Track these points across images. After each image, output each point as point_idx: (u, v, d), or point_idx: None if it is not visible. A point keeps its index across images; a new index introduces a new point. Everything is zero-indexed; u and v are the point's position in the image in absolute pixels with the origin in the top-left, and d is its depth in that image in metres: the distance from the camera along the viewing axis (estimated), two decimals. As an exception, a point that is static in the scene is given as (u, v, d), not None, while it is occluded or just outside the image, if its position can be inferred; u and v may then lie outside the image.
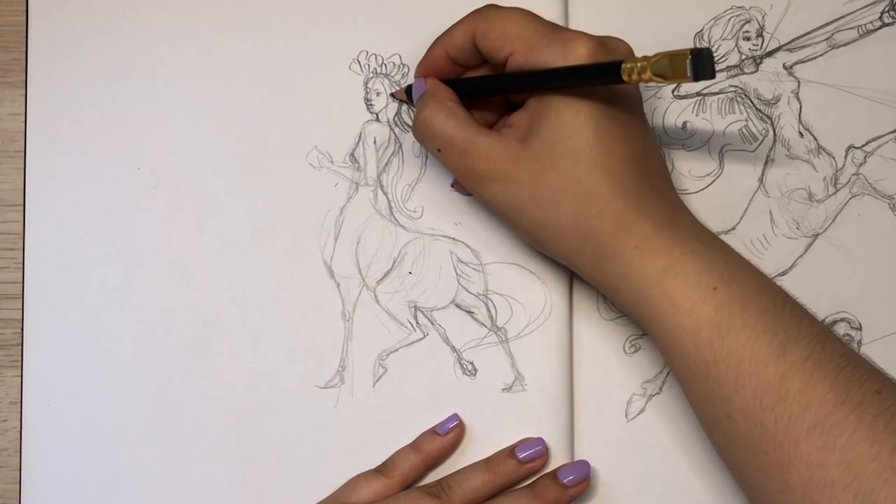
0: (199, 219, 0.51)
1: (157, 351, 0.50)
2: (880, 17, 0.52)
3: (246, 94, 0.51)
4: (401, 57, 0.52)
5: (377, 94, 0.52)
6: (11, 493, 0.50)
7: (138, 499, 0.50)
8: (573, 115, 0.43)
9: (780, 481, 0.40)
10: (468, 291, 0.51)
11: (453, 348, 0.51)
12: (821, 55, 0.52)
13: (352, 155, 0.51)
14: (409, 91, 0.50)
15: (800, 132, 0.52)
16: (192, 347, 0.50)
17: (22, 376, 0.50)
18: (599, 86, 0.43)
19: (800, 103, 0.52)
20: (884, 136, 0.52)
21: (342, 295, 0.51)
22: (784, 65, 0.52)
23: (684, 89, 0.52)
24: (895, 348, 0.51)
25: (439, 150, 0.46)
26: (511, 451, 0.49)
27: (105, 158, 0.51)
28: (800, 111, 0.52)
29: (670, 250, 0.43)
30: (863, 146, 0.52)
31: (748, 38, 0.52)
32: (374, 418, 0.50)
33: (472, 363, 0.51)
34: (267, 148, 0.51)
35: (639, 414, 0.51)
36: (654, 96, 0.52)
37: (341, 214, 0.51)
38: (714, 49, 0.52)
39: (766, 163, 0.52)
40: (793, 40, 0.52)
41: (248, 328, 0.50)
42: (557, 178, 0.43)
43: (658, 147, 0.47)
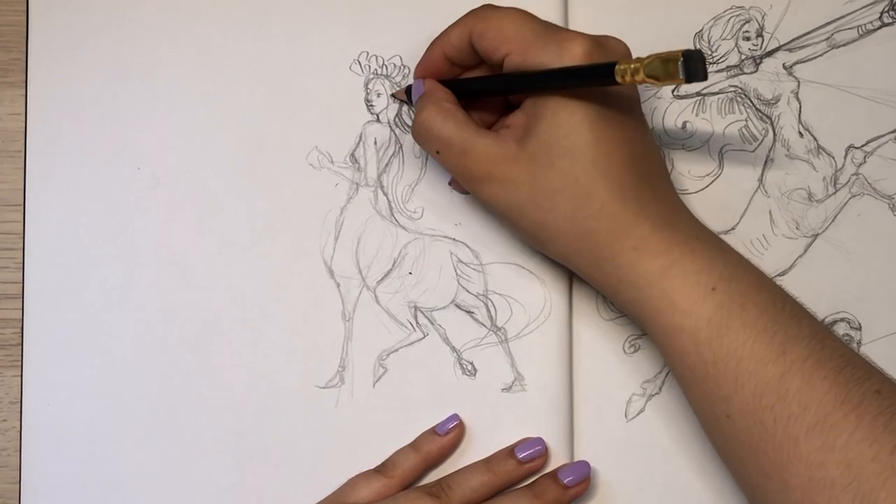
0: (199, 219, 0.51)
1: (157, 351, 0.50)
2: (880, 17, 0.52)
3: (246, 94, 0.51)
4: (401, 58, 0.52)
5: (378, 95, 0.52)
6: (11, 493, 0.50)
7: (138, 499, 0.50)
8: (569, 116, 0.43)
9: (780, 481, 0.40)
10: (468, 291, 0.51)
11: (453, 348, 0.51)
12: (821, 55, 0.52)
13: (352, 155, 0.51)
14: (409, 91, 0.50)
15: (800, 132, 0.52)
16: (192, 347, 0.50)
17: (22, 376, 0.50)
18: (594, 87, 0.43)
19: (800, 103, 0.52)
20: (883, 136, 0.52)
21: (342, 295, 0.51)
22: (784, 65, 0.52)
23: (684, 89, 0.52)
24: (895, 348, 0.51)
25: (438, 152, 0.46)
26: (511, 451, 0.49)
27: (105, 158, 0.51)
28: (800, 111, 0.52)
29: (669, 251, 0.43)
30: (862, 146, 0.52)
31: (748, 38, 0.52)
32: (374, 418, 0.50)
33: (471, 363, 0.51)
34: (267, 148, 0.51)
35: (638, 414, 0.51)
36: (654, 96, 0.52)
37: (341, 215, 0.51)
38: (714, 49, 0.52)
39: (766, 163, 0.52)
40: (793, 40, 0.52)
41: (248, 328, 0.50)
42: (554, 178, 0.43)
43: (657, 147, 0.47)
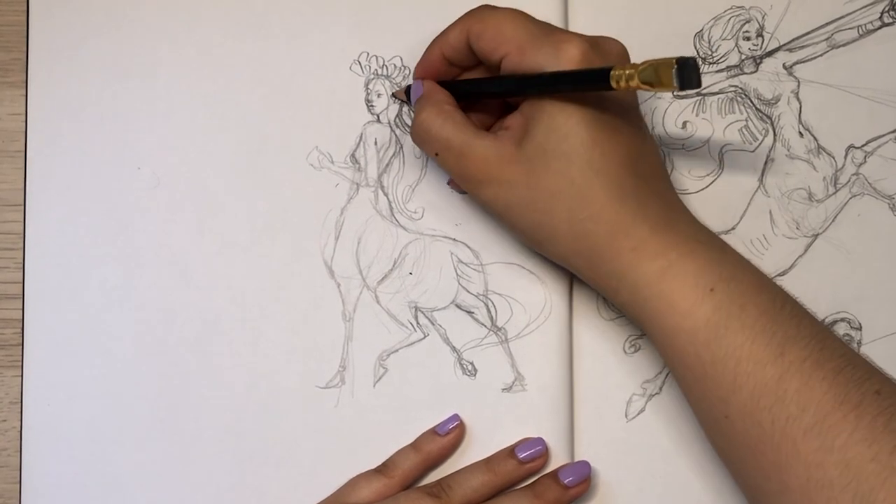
0: (199, 219, 0.51)
1: (157, 351, 0.50)
2: (880, 17, 0.52)
3: (246, 94, 0.51)
4: (402, 59, 0.52)
5: (378, 95, 0.52)
6: (11, 493, 0.50)
7: (138, 499, 0.50)
8: (566, 119, 0.43)
9: (779, 482, 0.40)
10: (468, 292, 0.51)
11: (453, 348, 0.51)
12: (821, 55, 0.52)
13: (352, 156, 0.51)
14: (408, 92, 0.50)
15: (800, 132, 0.52)
16: (192, 347, 0.50)
17: (22, 376, 0.50)
18: (589, 92, 0.43)
19: (800, 103, 0.52)
20: (884, 135, 0.52)
21: (342, 295, 0.51)
22: (784, 65, 0.52)
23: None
24: (895, 348, 0.51)
25: (437, 154, 0.46)
26: (511, 451, 0.49)
27: (105, 158, 0.51)
28: (800, 111, 0.52)
29: (668, 252, 0.43)
30: (863, 146, 0.52)
31: (748, 38, 0.52)
32: (374, 418, 0.50)
33: (472, 363, 0.51)
34: (267, 148, 0.51)
35: (638, 414, 0.51)
36: (654, 97, 0.52)
37: (342, 215, 0.51)
38: (714, 49, 0.52)
39: (766, 163, 0.52)
40: (793, 40, 0.52)
41: (248, 328, 0.50)
42: (551, 180, 0.43)
43: (657, 148, 0.47)
